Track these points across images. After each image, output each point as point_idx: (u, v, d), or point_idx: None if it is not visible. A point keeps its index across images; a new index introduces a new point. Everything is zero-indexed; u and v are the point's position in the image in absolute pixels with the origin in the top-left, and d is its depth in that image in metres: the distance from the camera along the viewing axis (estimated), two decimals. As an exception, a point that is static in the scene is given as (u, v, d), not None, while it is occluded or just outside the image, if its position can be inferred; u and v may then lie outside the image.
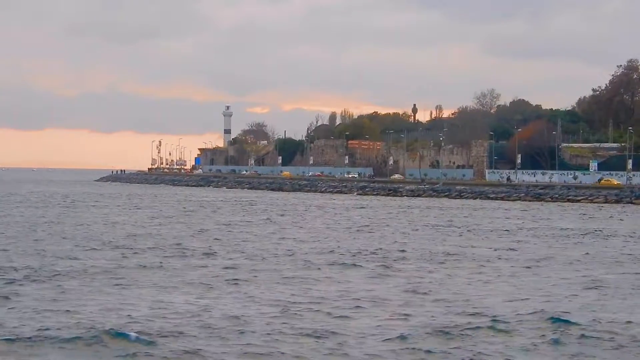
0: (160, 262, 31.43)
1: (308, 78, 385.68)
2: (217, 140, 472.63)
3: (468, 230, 51.13)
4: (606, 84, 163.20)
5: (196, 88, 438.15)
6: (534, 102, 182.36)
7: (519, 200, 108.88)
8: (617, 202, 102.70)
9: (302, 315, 20.59)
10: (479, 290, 25.26)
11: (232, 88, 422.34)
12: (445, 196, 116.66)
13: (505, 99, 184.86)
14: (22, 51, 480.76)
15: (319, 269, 30.29)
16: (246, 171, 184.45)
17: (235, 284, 26.05)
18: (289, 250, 37.18)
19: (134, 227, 50.67)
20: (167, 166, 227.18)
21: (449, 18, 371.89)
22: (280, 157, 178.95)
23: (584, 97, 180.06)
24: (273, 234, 46.98)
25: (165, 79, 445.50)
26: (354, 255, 35.07)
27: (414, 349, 17.31)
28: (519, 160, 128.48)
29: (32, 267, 29.18)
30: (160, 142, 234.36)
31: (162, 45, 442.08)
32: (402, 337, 18.13)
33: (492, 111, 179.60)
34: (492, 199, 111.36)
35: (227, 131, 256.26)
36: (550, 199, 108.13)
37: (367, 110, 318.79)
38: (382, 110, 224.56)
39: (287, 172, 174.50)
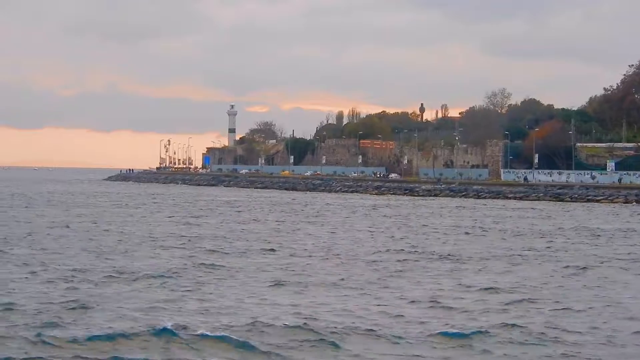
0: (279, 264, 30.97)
1: (307, 78, 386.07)
2: (216, 140, 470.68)
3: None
4: (617, 84, 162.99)
5: (195, 87, 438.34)
6: (544, 102, 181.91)
7: (538, 200, 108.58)
8: (637, 202, 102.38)
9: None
10: None
11: (231, 88, 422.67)
12: (463, 196, 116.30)
13: (516, 99, 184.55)
14: (21, 50, 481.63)
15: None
16: (246, 171, 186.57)
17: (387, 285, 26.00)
18: (401, 249, 37.58)
19: (217, 228, 50.09)
20: (177, 165, 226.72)
21: (449, 18, 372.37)
22: (292, 157, 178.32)
23: (595, 96, 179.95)
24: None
25: (165, 78, 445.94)
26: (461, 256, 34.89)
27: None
28: (536, 160, 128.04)
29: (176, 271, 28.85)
30: (169, 141, 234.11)
31: (162, 44, 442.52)
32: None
33: (502, 111, 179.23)
34: (510, 198, 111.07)
35: (232, 130, 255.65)
36: (569, 199, 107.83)
37: (371, 110, 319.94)
38: (383, 110, 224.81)
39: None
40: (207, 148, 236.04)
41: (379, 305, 22.10)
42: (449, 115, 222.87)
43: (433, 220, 61.94)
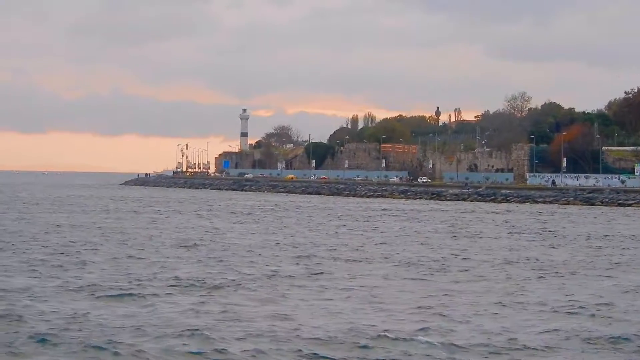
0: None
1: (313, 81, 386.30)
2: (221, 143, 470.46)
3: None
4: (638, 87, 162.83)
5: (200, 91, 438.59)
6: (565, 105, 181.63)
7: (568, 204, 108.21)
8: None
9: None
10: None
11: (236, 91, 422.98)
12: (491, 200, 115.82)
13: (536, 102, 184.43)
14: (25, 53, 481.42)
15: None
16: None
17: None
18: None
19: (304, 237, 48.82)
20: (193, 170, 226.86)
21: (454, 20, 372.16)
22: (313, 161, 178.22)
23: (615, 99, 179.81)
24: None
25: (169, 81, 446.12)
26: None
27: None
28: (564, 164, 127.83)
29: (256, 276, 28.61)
30: (187, 145, 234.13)
31: (166, 47, 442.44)
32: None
33: (522, 114, 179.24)
34: (539, 202, 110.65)
35: (244, 134, 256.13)
36: (600, 203, 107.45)
37: (383, 114, 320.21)
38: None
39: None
40: (223, 152, 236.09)
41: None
42: (462, 119, 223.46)
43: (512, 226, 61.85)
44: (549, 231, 56.02)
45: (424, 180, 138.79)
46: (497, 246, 43.59)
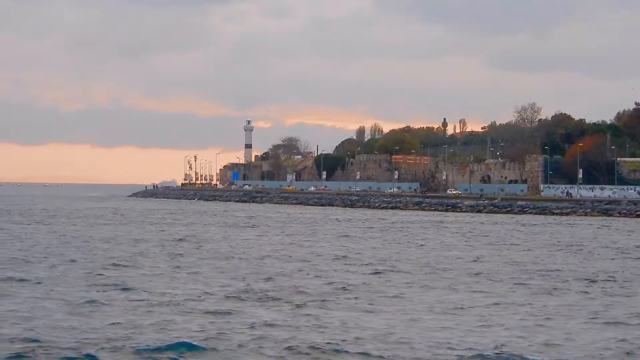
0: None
1: (311, 92, 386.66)
2: (219, 155, 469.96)
3: None
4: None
5: (199, 102, 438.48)
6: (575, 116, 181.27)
7: (585, 215, 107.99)
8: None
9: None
10: None
11: (235, 103, 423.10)
12: (507, 212, 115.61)
13: (546, 113, 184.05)
14: (24, 65, 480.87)
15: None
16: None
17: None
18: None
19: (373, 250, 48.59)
20: (202, 182, 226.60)
21: (453, 31, 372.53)
22: (324, 173, 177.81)
23: (624, 110, 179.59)
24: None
25: (169, 93, 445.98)
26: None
27: None
28: (580, 175, 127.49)
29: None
30: (195, 157, 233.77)
31: (166, 59, 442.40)
32: None
33: (532, 125, 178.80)
34: (557, 214, 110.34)
35: (248, 146, 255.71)
36: (618, 214, 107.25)
37: (390, 126, 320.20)
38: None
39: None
40: (229, 163, 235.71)
41: None
42: (467, 130, 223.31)
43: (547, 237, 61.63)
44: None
45: (454, 192, 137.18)
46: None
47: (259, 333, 20.82)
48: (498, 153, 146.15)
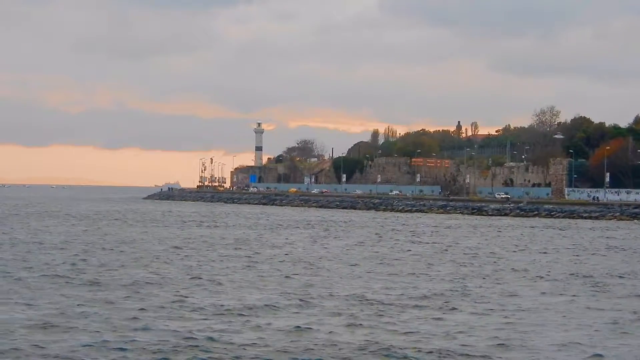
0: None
1: (314, 95, 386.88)
2: (221, 157, 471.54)
3: None
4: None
5: (202, 105, 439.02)
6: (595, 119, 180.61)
7: (615, 219, 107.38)
8: None
9: None
10: None
11: (238, 105, 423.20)
12: (534, 215, 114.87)
13: (565, 116, 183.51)
14: (28, 67, 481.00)
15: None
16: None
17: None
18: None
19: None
20: (215, 184, 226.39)
21: (459, 35, 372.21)
22: (344, 175, 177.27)
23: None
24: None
25: (172, 95, 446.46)
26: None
27: None
28: (607, 179, 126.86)
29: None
30: (211, 159, 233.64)
31: (169, 61, 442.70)
32: None
33: (550, 129, 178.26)
34: (585, 218, 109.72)
35: (259, 148, 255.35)
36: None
37: (382, 128, 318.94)
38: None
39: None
40: (243, 166, 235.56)
41: None
42: (478, 133, 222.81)
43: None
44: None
45: (503, 195, 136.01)
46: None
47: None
48: (523, 156, 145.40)
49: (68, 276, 32.57)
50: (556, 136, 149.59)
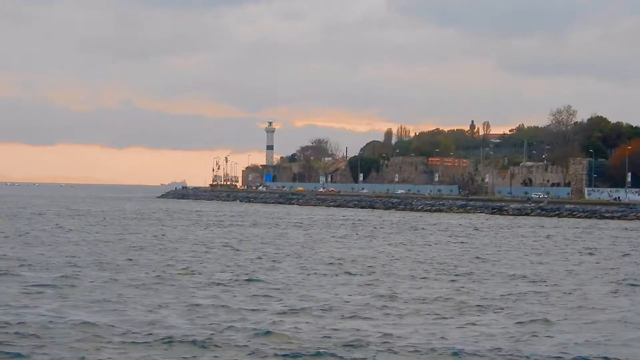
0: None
1: (321, 95, 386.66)
2: (229, 156, 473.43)
3: None
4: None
5: (208, 104, 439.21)
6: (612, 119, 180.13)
7: (638, 219, 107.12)
8: None
9: None
10: None
11: (244, 104, 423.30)
12: (555, 215, 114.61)
13: (582, 116, 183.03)
14: (35, 67, 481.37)
15: None
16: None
17: None
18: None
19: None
20: (227, 183, 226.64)
21: (466, 35, 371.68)
22: (361, 175, 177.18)
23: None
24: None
25: (178, 94, 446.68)
26: None
27: None
28: (629, 179, 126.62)
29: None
30: (226, 158, 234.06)
31: (176, 61, 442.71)
32: None
33: (567, 128, 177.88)
34: (607, 218, 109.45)
35: (270, 147, 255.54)
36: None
37: (389, 127, 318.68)
38: (437, 127, 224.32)
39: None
40: (255, 165, 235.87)
41: None
42: (490, 132, 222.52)
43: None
44: None
45: (540, 195, 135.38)
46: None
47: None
48: (544, 156, 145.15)
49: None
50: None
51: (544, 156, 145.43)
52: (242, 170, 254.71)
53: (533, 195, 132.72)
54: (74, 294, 27.11)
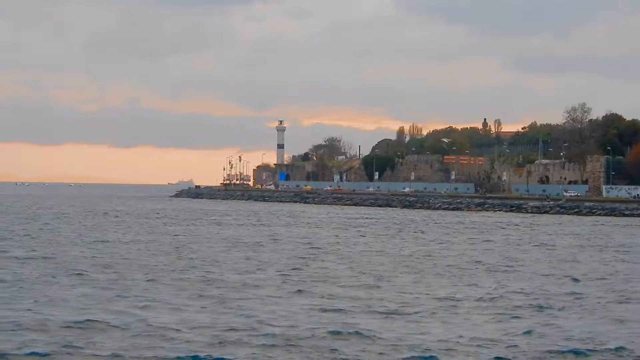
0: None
1: (328, 93, 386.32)
2: (236, 154, 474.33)
3: None
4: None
5: (215, 103, 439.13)
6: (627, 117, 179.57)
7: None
8: None
9: None
10: None
11: (251, 103, 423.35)
12: (575, 213, 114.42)
13: (597, 113, 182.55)
14: (42, 66, 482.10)
15: None
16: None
17: None
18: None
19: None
20: (243, 182, 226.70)
21: (473, 33, 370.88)
22: (377, 173, 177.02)
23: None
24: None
25: (185, 93, 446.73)
26: None
27: None
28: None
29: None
30: (240, 157, 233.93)
31: (183, 60, 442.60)
32: None
33: (581, 126, 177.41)
34: (628, 215, 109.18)
35: (281, 146, 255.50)
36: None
37: (396, 125, 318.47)
38: (450, 125, 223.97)
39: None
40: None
41: None
42: (502, 130, 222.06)
43: None
44: None
45: (571, 194, 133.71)
46: None
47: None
48: (562, 154, 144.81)
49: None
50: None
51: (562, 154, 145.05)
52: (253, 170, 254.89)
53: (565, 194, 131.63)
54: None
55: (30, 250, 44.49)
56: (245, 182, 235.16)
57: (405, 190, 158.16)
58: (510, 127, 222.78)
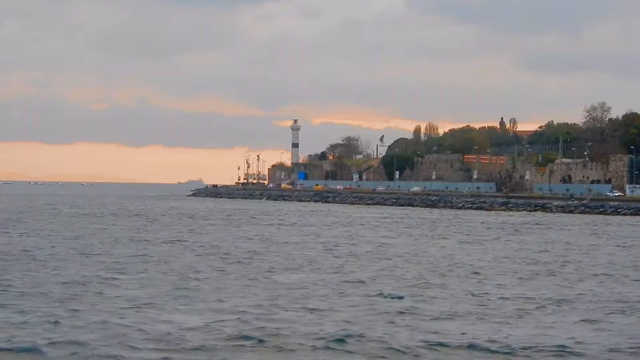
0: None
1: (337, 92, 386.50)
2: (246, 154, 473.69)
3: None
4: None
5: (225, 102, 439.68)
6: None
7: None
8: None
9: None
10: None
11: (261, 102, 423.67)
12: (600, 212, 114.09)
13: (616, 112, 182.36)
14: (52, 65, 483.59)
15: None
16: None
17: None
18: None
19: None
20: (259, 181, 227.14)
21: (483, 32, 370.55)
22: (397, 172, 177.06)
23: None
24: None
25: (194, 92, 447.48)
26: None
27: None
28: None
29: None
30: (258, 156, 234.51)
31: (192, 59, 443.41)
32: None
33: (602, 125, 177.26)
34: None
35: (295, 145, 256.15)
36: None
37: (406, 125, 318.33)
38: (467, 124, 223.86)
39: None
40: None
41: None
42: (517, 129, 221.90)
43: None
44: None
45: (617, 194, 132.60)
46: None
47: None
48: (585, 152, 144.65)
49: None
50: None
51: (585, 152, 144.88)
52: (268, 169, 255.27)
53: (608, 194, 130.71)
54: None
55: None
56: (261, 182, 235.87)
57: (415, 189, 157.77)
58: (525, 125, 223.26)
